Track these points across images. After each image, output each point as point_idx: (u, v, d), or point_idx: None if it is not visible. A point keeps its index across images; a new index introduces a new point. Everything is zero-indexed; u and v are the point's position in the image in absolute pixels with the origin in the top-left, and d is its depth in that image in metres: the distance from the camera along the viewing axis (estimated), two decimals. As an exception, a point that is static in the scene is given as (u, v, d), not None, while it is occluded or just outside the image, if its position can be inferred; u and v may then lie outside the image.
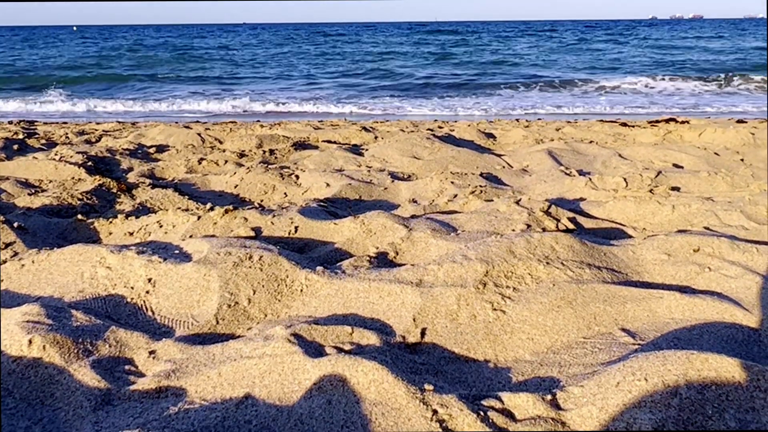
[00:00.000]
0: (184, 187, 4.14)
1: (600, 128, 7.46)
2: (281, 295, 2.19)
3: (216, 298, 2.14)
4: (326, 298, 2.16)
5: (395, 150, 5.06)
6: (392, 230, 2.76)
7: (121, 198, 3.74)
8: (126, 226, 3.00)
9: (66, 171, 4.27)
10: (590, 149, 5.27)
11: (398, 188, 3.99)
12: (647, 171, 4.03)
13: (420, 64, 26.13)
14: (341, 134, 6.44)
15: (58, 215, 3.37)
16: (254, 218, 2.87)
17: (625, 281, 2.28)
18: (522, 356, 1.87)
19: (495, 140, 6.27)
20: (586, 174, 4.34)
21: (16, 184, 3.89)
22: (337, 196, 3.77)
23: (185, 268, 2.28)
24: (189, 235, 2.78)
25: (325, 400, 1.54)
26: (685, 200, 3.15)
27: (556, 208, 3.00)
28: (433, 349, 1.90)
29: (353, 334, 1.87)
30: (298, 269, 2.27)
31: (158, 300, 2.19)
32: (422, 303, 2.05)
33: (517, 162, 4.91)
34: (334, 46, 39.01)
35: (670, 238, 2.51)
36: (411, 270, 2.24)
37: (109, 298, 2.22)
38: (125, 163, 4.87)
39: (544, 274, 2.21)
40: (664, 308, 2.05)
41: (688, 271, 2.33)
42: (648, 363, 1.55)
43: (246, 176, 4.19)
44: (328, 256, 2.64)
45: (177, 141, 6.23)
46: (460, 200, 3.45)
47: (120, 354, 1.86)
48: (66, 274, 2.38)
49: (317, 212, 3.10)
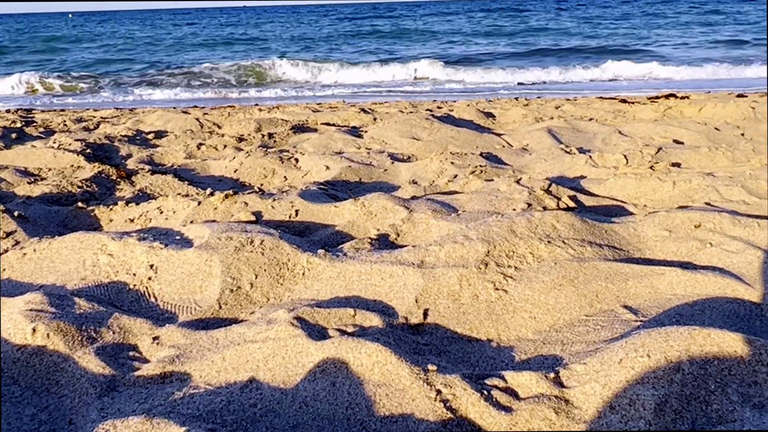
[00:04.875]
0: (184, 172, 4.13)
1: (599, 105, 7.43)
2: (283, 278, 2.19)
3: (218, 283, 2.14)
4: (328, 281, 2.16)
5: (394, 131, 5.04)
6: (393, 212, 2.76)
7: (120, 185, 3.74)
8: (126, 212, 2.99)
9: (65, 159, 4.26)
10: (590, 127, 5.25)
11: (398, 170, 3.98)
12: (647, 147, 4.02)
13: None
14: (340, 116, 6.41)
15: (58, 203, 3.37)
16: (254, 203, 2.86)
17: (627, 258, 2.28)
18: (524, 335, 1.87)
19: (494, 119, 6.24)
20: (587, 152, 4.32)
21: (15, 172, 3.88)
22: (336, 178, 3.76)
23: (187, 253, 2.28)
24: (190, 220, 2.78)
25: (329, 382, 1.55)
26: (686, 176, 3.14)
27: (556, 186, 2.99)
28: (436, 329, 1.90)
29: (356, 316, 1.88)
30: (300, 253, 2.27)
31: (161, 286, 2.19)
32: (424, 284, 2.05)
33: (516, 141, 4.89)
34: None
35: (671, 215, 2.51)
36: (412, 251, 2.24)
37: (111, 285, 2.22)
38: (124, 149, 4.85)
39: (546, 253, 2.20)
40: (666, 284, 2.05)
41: (689, 247, 2.33)
42: (650, 339, 1.55)
43: (245, 161, 4.18)
44: (329, 239, 2.64)
45: (175, 126, 6.21)
46: (460, 180, 3.44)
47: (124, 340, 1.86)
48: (68, 262, 2.38)
49: (317, 195, 3.09)
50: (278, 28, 40.71)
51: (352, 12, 60.28)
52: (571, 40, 23.25)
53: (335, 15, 57.84)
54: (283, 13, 76.79)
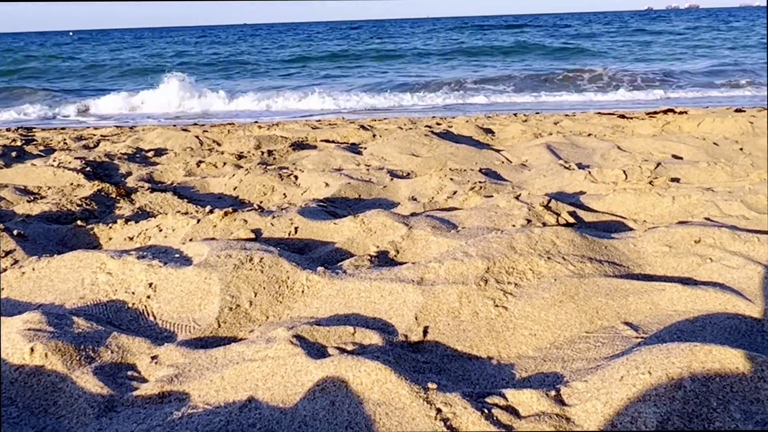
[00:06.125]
0: (183, 190, 4.13)
1: (598, 120, 7.46)
2: (282, 296, 2.19)
3: (217, 301, 2.13)
4: (328, 299, 2.15)
5: (394, 148, 5.05)
6: (392, 228, 2.75)
7: (120, 203, 3.74)
8: (126, 231, 2.99)
9: (65, 177, 4.27)
10: (589, 142, 5.26)
11: (397, 186, 3.99)
12: (646, 162, 4.03)
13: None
14: (339, 133, 6.43)
15: (58, 221, 3.37)
16: (254, 220, 2.86)
17: (627, 274, 2.27)
18: (525, 352, 1.86)
19: (493, 135, 6.26)
20: (586, 167, 4.33)
21: (15, 191, 3.88)
22: (336, 195, 3.77)
23: (186, 271, 2.27)
24: (189, 238, 2.77)
25: (329, 401, 1.54)
26: (685, 191, 3.14)
27: (555, 202, 3.00)
28: (436, 347, 1.89)
29: (355, 334, 1.87)
30: (299, 270, 2.27)
31: (159, 304, 2.18)
32: (424, 301, 2.04)
33: (515, 157, 4.90)
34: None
35: (670, 230, 2.51)
36: (412, 268, 2.23)
37: (110, 303, 2.22)
38: (124, 167, 4.86)
39: (546, 269, 2.20)
40: (667, 301, 2.04)
41: (689, 263, 2.32)
42: (651, 356, 1.55)
43: (245, 178, 4.18)
44: (328, 256, 2.63)
45: (175, 144, 6.23)
46: (459, 197, 3.45)
47: (122, 360, 1.85)
48: (66, 281, 2.38)
49: (317, 212, 3.09)
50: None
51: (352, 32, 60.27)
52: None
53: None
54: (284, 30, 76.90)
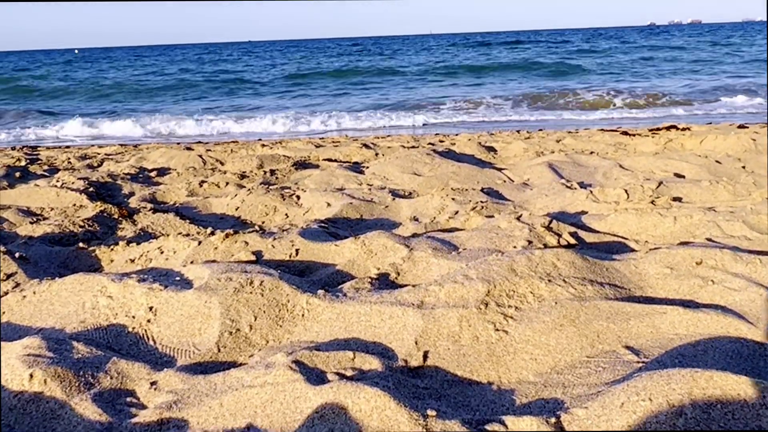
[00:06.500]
0: (186, 210, 4.14)
1: (601, 138, 7.47)
2: (282, 320, 2.18)
3: (217, 325, 2.13)
4: (328, 323, 2.15)
5: (396, 167, 5.06)
6: (393, 250, 2.75)
7: (122, 224, 3.75)
8: (127, 253, 3.00)
9: (68, 198, 4.28)
10: (591, 160, 5.26)
11: (399, 206, 3.99)
12: (648, 182, 4.02)
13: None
14: (342, 152, 6.45)
15: (60, 243, 3.38)
16: (255, 242, 2.86)
17: (628, 297, 2.27)
18: (525, 377, 1.85)
19: (496, 153, 6.27)
20: (587, 186, 4.33)
21: (18, 212, 3.90)
22: (338, 215, 3.77)
23: (186, 295, 2.27)
24: (190, 260, 2.77)
25: (328, 428, 1.53)
26: (687, 211, 3.13)
27: (557, 222, 2.99)
28: (436, 372, 1.88)
29: (355, 359, 1.86)
30: (299, 293, 2.26)
31: (159, 329, 2.18)
32: (424, 325, 2.04)
33: (517, 176, 4.90)
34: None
35: (672, 252, 2.50)
36: (412, 291, 2.23)
37: (110, 327, 2.21)
38: (127, 187, 4.88)
39: (546, 292, 2.19)
40: (668, 324, 2.03)
41: (691, 285, 2.31)
42: (652, 382, 1.54)
43: (247, 198, 4.19)
44: (329, 279, 2.63)
45: (178, 163, 6.25)
46: (461, 217, 3.44)
47: (121, 386, 1.85)
48: (67, 305, 2.38)
49: (318, 234, 3.09)
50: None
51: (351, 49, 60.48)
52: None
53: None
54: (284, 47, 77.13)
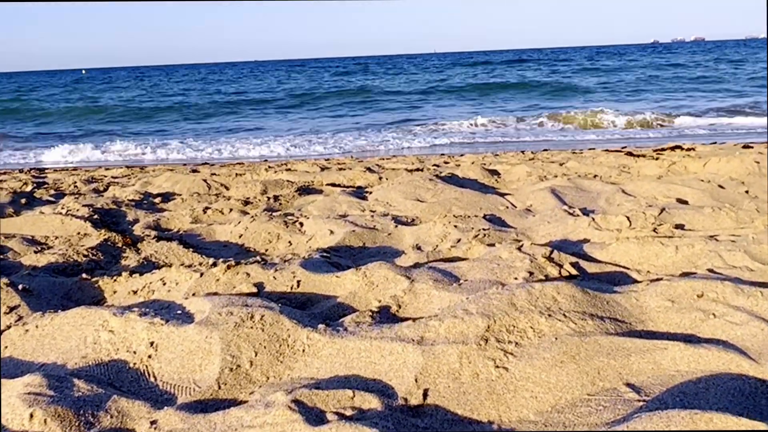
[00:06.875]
0: (189, 238, 4.16)
1: (605, 159, 7.49)
2: (283, 356, 2.19)
3: (218, 361, 2.13)
4: (328, 358, 2.15)
5: (398, 193, 5.08)
6: (394, 282, 2.76)
7: (126, 252, 3.76)
8: (130, 284, 3.01)
9: (72, 225, 4.31)
10: (594, 185, 5.27)
11: (402, 233, 4.00)
12: (651, 208, 4.02)
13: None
14: (346, 176, 6.49)
15: (64, 273, 3.39)
16: (256, 273, 2.87)
17: (629, 331, 2.26)
18: (526, 416, 1.85)
19: (499, 177, 6.29)
20: (590, 212, 4.34)
21: (23, 241, 3.93)
22: (340, 244, 3.78)
23: (187, 330, 2.28)
24: (192, 292, 2.79)
25: (326, 472, 1.53)
26: (689, 241, 3.13)
27: (558, 253, 2.99)
28: (436, 411, 1.88)
29: (355, 398, 1.86)
30: (300, 328, 2.27)
31: (160, 365, 2.19)
32: (424, 362, 2.04)
33: (520, 201, 4.91)
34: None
35: (673, 284, 2.49)
36: (412, 326, 2.23)
37: (111, 363, 2.22)
38: (131, 214, 4.91)
39: (547, 327, 2.19)
40: (669, 360, 2.02)
41: (692, 318, 2.31)
42: (652, 424, 1.53)
43: (250, 225, 4.21)
44: (330, 311, 2.63)
45: (183, 188, 6.29)
46: (463, 246, 3.45)
47: (122, 425, 1.85)
48: (69, 339, 2.39)
49: (320, 264, 3.10)
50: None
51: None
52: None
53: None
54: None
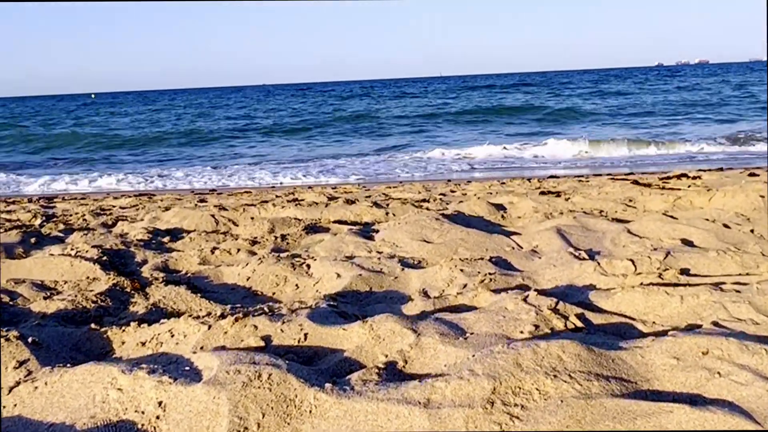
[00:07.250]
0: (198, 281, 4.20)
1: (611, 189, 7.55)
2: (290, 417, 2.20)
3: (225, 423, 2.15)
4: (335, 420, 2.17)
5: (405, 233, 5.11)
6: (401, 335, 2.78)
7: (134, 297, 3.80)
8: (138, 335, 3.04)
9: (81, 268, 4.35)
10: (599, 224, 5.29)
11: (408, 277, 4.03)
12: (656, 252, 4.04)
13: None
14: (353, 211, 6.54)
15: (73, 321, 3.43)
16: (264, 326, 2.90)
17: (635, 391, 2.27)
18: (531, 485, 1.86)
19: (505, 212, 6.32)
20: (596, 254, 4.35)
21: (32, 286, 3.97)
22: (347, 288, 3.81)
23: (195, 389, 2.30)
24: (200, 346, 2.81)
25: None
26: (694, 290, 3.14)
27: (563, 304, 3.01)
28: (442, 480, 1.89)
29: (361, 466, 1.87)
30: (307, 387, 2.29)
31: (168, 426, 2.21)
32: (430, 426, 2.05)
33: (526, 242, 4.93)
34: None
35: (678, 340, 2.50)
36: (419, 388, 2.24)
37: (120, 424, 2.24)
38: (140, 255, 4.95)
39: (552, 389, 2.20)
40: (675, 424, 2.03)
41: (698, 378, 2.32)
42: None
43: (258, 268, 4.25)
44: (337, 367, 2.65)
45: (191, 224, 6.35)
46: (469, 293, 3.47)
47: (130, 493, 1.87)
48: (78, 397, 2.41)
49: (327, 315, 3.13)
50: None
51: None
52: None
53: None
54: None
